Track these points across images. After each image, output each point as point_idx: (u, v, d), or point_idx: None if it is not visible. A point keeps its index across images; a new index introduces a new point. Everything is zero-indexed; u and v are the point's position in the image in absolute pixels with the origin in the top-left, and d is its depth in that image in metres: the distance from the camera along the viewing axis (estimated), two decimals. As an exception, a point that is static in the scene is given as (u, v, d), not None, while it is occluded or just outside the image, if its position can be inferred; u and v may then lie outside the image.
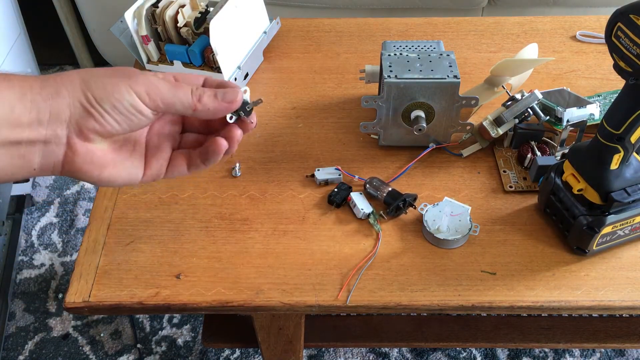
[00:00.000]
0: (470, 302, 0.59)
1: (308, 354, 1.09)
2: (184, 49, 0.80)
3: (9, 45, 1.46)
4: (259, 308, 0.60)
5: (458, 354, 1.09)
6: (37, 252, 1.27)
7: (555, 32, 0.92)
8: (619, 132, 0.55)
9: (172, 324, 1.15)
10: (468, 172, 0.71)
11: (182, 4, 0.81)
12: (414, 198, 0.67)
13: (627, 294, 0.60)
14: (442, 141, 0.72)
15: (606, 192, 0.58)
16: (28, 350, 1.12)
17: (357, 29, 0.93)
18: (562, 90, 0.76)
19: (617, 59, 0.52)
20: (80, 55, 1.63)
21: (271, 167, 0.72)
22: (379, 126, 0.71)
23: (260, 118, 0.79)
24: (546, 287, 0.60)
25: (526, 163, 0.70)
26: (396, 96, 0.67)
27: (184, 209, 0.68)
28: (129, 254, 0.63)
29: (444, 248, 0.63)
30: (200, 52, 0.80)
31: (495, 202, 0.68)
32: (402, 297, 0.59)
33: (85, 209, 1.35)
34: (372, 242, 0.64)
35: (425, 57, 0.69)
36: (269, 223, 0.66)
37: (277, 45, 0.90)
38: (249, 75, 0.84)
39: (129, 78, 0.41)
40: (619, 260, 0.62)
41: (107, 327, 1.15)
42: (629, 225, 0.61)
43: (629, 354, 1.08)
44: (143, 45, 0.81)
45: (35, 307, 1.18)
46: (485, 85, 0.75)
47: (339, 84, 0.84)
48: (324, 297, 0.59)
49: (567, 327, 0.91)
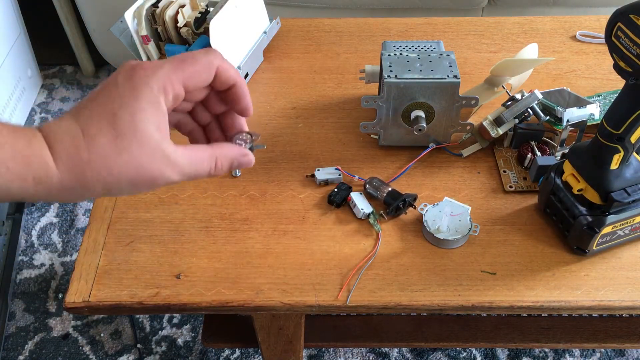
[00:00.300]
0: (470, 302, 0.59)
1: (308, 354, 1.09)
2: (184, 49, 0.80)
3: (9, 45, 1.46)
4: (259, 308, 0.60)
5: (458, 354, 1.09)
6: (37, 252, 1.27)
7: (555, 32, 0.92)
8: (619, 132, 0.55)
9: (172, 324, 1.15)
10: (468, 172, 0.71)
11: (182, 4, 0.81)
12: (414, 198, 0.67)
13: (627, 294, 0.60)
14: (442, 141, 0.72)
15: (606, 192, 0.58)
16: (28, 350, 1.12)
17: (357, 29, 0.93)
18: (562, 90, 0.76)
19: (617, 59, 0.52)
20: (80, 55, 1.63)
21: (271, 167, 0.72)
22: (379, 126, 0.71)
23: (260, 118, 0.79)
24: (546, 287, 0.60)
25: (526, 163, 0.70)
26: (396, 96, 0.67)
27: (184, 209, 0.68)
28: (129, 254, 0.63)
29: (444, 248, 0.63)
30: None
31: (495, 202, 0.68)
32: (402, 297, 0.59)
33: (85, 209, 1.35)
34: (372, 242, 0.64)
35: (425, 57, 0.69)
36: (269, 223, 0.66)
37: (277, 45, 0.90)
38: (249, 75, 0.84)
39: (149, 175, 0.39)
40: (619, 260, 0.62)
41: (107, 327, 1.15)
42: (629, 225, 0.61)
43: (629, 354, 1.08)
44: (143, 45, 0.81)
45: (35, 307, 1.18)
46: (485, 85, 0.75)
47: (339, 84, 0.84)
48: (324, 297, 0.59)
49: (567, 327, 0.91)
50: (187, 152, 0.40)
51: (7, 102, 1.45)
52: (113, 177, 0.38)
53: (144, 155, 0.38)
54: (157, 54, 0.83)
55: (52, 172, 0.37)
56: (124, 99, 0.38)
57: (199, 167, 0.41)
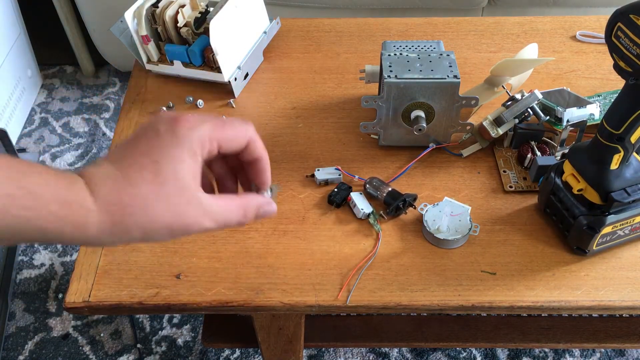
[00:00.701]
0: (470, 302, 0.59)
1: (308, 354, 1.09)
2: (184, 49, 0.80)
3: (9, 45, 1.46)
4: (259, 308, 0.60)
5: (458, 354, 1.09)
6: (37, 252, 1.27)
7: (555, 32, 0.92)
8: (619, 132, 0.55)
9: (172, 324, 1.15)
10: (468, 172, 0.71)
11: (182, 4, 0.81)
12: (414, 198, 0.67)
13: (627, 294, 0.60)
14: (442, 141, 0.72)
15: (606, 192, 0.58)
16: (28, 350, 1.12)
17: (357, 29, 0.93)
18: (562, 90, 0.76)
19: (617, 59, 0.52)
20: (80, 55, 1.63)
21: (271, 167, 0.72)
22: (379, 126, 0.71)
23: (260, 118, 0.79)
24: (546, 287, 0.60)
25: (526, 163, 0.70)
26: (396, 96, 0.67)
27: (184, 209, 0.68)
28: (129, 254, 0.63)
29: (444, 248, 0.63)
30: (201, 52, 0.80)
31: (495, 202, 0.68)
32: (402, 297, 0.59)
33: (85, 209, 1.35)
34: (372, 242, 0.64)
35: (425, 57, 0.69)
36: (269, 223, 0.66)
37: (277, 45, 0.90)
38: (249, 75, 0.84)
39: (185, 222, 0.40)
40: (619, 260, 0.62)
41: (107, 327, 1.15)
42: (629, 225, 0.61)
43: (629, 354, 1.08)
44: (143, 45, 0.81)
45: (35, 307, 1.18)
46: (485, 85, 0.75)
47: (339, 84, 0.84)
48: (324, 297, 0.59)
49: (567, 327, 0.91)
50: (219, 201, 0.42)
51: (7, 102, 1.45)
52: (152, 222, 0.39)
53: (182, 203, 0.39)
54: (157, 54, 0.83)
55: (93, 216, 0.37)
56: (166, 148, 0.39)
57: (230, 215, 0.43)
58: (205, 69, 0.81)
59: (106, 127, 1.54)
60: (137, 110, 0.80)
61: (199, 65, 0.81)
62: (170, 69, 0.83)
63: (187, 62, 0.81)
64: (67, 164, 1.45)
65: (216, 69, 0.80)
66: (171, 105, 0.80)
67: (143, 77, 0.85)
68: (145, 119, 0.79)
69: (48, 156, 1.47)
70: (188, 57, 0.80)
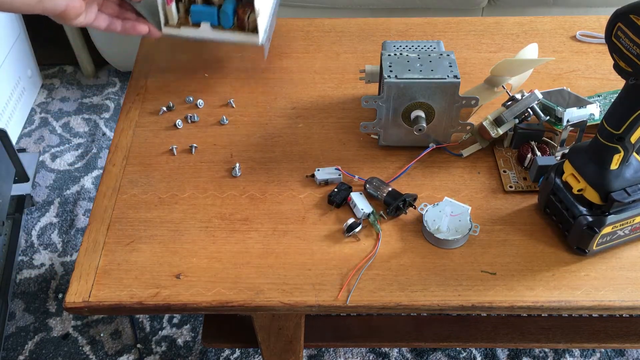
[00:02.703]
0: (470, 302, 0.59)
1: (308, 354, 1.09)
2: (214, 10, 0.75)
3: (9, 45, 1.46)
4: (259, 308, 0.60)
5: (458, 354, 1.09)
6: (37, 252, 1.27)
7: (555, 32, 0.92)
8: (619, 132, 0.55)
9: (172, 324, 1.15)
10: (468, 172, 0.71)
11: None
12: (414, 198, 0.67)
13: (627, 294, 0.60)
14: (442, 141, 0.73)
15: (606, 192, 0.58)
16: (28, 350, 1.12)
17: (357, 29, 0.93)
18: (562, 90, 0.76)
19: (617, 59, 0.52)
20: (80, 55, 1.64)
21: (271, 167, 0.72)
22: (379, 126, 0.71)
23: (260, 118, 0.79)
24: (546, 287, 0.60)
25: (526, 163, 0.70)
26: (396, 96, 0.67)
27: (184, 209, 0.68)
28: (129, 254, 0.63)
29: (444, 248, 0.63)
30: (233, 13, 0.75)
31: (495, 202, 0.68)
32: (402, 297, 0.59)
33: (85, 209, 1.35)
34: (372, 242, 0.64)
35: (425, 57, 0.69)
36: (269, 223, 0.66)
37: (277, 45, 0.90)
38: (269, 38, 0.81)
39: None
40: (619, 260, 0.62)
41: (107, 327, 1.15)
42: (629, 225, 0.61)
43: (629, 354, 1.09)
44: (165, 7, 0.76)
45: (35, 307, 1.18)
46: (485, 85, 0.75)
47: (339, 84, 0.84)
48: (324, 297, 0.59)
49: (567, 327, 0.91)
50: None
51: (7, 102, 1.45)
52: None
53: None
54: (176, 16, 0.77)
55: None
56: None
57: None
58: (236, 30, 0.76)
59: (106, 127, 1.54)
60: (137, 110, 0.80)
61: (229, 27, 0.76)
62: (195, 31, 0.76)
63: (216, 25, 0.76)
64: (67, 164, 1.45)
65: (250, 31, 0.75)
66: (171, 105, 0.80)
67: (143, 77, 0.85)
68: (145, 119, 0.79)
69: (48, 156, 1.47)
70: (218, 18, 0.76)
